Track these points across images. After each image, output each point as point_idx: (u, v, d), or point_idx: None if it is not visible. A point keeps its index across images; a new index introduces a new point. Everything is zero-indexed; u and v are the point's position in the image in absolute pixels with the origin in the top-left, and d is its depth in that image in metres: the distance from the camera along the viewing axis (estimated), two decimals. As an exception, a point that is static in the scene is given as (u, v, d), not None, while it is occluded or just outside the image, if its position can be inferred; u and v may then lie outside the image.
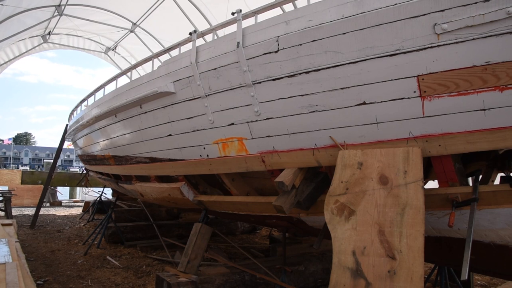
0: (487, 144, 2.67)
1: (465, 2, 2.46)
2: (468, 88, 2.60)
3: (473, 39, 2.49)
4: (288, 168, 3.43)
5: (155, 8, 10.78)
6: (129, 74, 5.77)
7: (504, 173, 3.68)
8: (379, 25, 2.72)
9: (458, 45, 2.55)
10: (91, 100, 7.41)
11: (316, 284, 5.18)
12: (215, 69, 3.64)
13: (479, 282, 5.92)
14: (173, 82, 4.14)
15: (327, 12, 2.94)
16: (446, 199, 2.95)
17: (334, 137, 3.14)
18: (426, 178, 3.82)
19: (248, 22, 3.63)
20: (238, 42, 3.39)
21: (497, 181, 3.68)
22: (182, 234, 8.25)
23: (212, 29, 4.12)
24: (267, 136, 3.52)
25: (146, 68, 9.21)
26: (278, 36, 3.16)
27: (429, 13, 2.56)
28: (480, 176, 3.83)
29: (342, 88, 2.96)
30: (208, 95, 3.79)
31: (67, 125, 10.77)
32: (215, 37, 4.18)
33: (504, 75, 2.48)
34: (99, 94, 6.73)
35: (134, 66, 5.67)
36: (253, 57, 3.32)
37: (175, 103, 4.22)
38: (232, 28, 3.61)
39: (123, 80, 6.15)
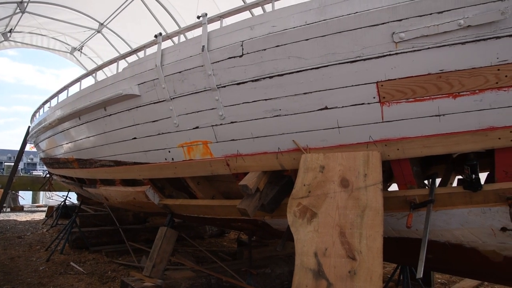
0: (442, 148, 2.79)
1: (421, 13, 2.57)
2: (424, 94, 2.71)
3: (429, 48, 2.61)
4: (253, 172, 3.46)
5: (123, 9, 10.61)
6: (94, 75, 5.65)
7: (462, 176, 3.85)
8: (340, 32, 2.80)
9: (414, 54, 2.65)
10: (54, 102, 7.21)
11: (283, 286, 5.23)
12: (180, 72, 3.63)
13: (439, 280, 6.13)
14: (138, 84, 4.11)
15: (290, 18, 2.99)
16: (405, 201, 3.06)
17: (297, 141, 3.20)
18: (390, 181, 3.93)
19: (215, 25, 3.65)
20: (203, 46, 3.40)
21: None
22: (149, 238, 8.11)
23: (178, 32, 4.12)
24: (232, 139, 3.54)
25: (114, 70, 9.05)
26: (243, 41, 3.19)
27: (388, 22, 2.66)
28: (440, 179, 3.99)
29: (304, 93, 3.02)
30: (173, 98, 3.77)
31: (29, 127, 10.42)
32: (184, 40, 4.18)
33: (456, 83, 2.60)
34: (63, 96, 6.57)
35: (99, 68, 5.57)
36: (218, 61, 3.34)
37: (140, 106, 4.18)
38: (200, 30, 3.61)
39: (89, 81, 6.03)
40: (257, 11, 6.19)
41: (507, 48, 2.44)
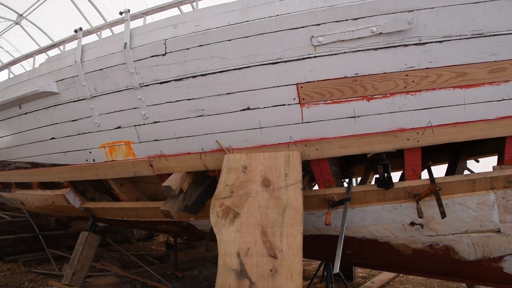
0: (357, 148, 2.94)
1: (337, 19, 2.69)
2: (341, 97, 2.84)
3: (345, 52, 2.74)
4: (176, 172, 3.42)
5: (45, 0, 9.96)
6: (9, 69, 5.24)
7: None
8: (262, 34, 2.85)
9: (332, 57, 2.77)
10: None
11: (211, 288, 5.21)
12: (101, 69, 3.49)
13: (360, 274, 6.46)
14: (56, 81, 3.88)
15: (214, 18, 3.00)
16: (324, 199, 3.19)
17: (220, 141, 3.21)
18: (315, 181, 4.07)
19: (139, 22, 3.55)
20: (126, 43, 3.29)
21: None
22: (72, 244, 7.59)
23: (99, 28, 3.94)
24: (155, 140, 3.47)
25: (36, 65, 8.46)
26: (166, 39, 3.13)
27: (307, 26, 2.75)
28: (360, 178, 4.20)
29: (227, 94, 3.04)
30: (94, 96, 3.61)
31: None
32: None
33: (370, 87, 2.76)
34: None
35: (13, 62, 5.18)
36: (141, 59, 3.26)
37: (59, 104, 3.95)
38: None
39: (3, 77, 5.58)
40: (187, 8, 6.12)
41: (414, 56, 2.64)
